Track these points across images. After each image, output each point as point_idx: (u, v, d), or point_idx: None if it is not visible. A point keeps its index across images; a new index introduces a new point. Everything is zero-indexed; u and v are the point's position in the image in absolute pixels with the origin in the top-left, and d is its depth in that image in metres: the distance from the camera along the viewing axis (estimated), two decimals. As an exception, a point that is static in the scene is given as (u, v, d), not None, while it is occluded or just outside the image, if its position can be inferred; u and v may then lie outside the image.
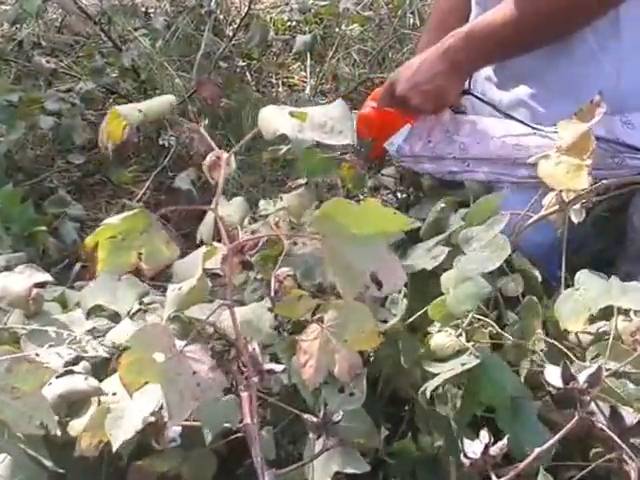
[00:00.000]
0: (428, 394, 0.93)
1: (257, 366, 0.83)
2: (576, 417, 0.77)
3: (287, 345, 0.98)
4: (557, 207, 1.09)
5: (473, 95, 1.40)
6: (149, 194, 2.00)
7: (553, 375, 0.79)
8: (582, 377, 0.78)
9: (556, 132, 1.13)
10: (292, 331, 1.02)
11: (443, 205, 1.19)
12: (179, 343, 0.81)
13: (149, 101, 0.90)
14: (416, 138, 1.38)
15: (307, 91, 2.52)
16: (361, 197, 1.47)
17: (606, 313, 0.96)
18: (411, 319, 1.02)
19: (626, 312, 0.95)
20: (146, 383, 0.81)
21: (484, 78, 1.43)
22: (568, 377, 0.78)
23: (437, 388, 0.95)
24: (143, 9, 2.55)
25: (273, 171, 2.09)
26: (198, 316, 0.98)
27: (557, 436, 0.79)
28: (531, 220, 1.11)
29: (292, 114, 0.80)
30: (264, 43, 2.54)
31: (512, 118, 1.34)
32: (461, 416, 0.95)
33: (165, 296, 0.92)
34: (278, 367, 0.86)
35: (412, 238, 1.16)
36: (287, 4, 2.80)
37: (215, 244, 0.88)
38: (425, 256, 1.10)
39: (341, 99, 0.84)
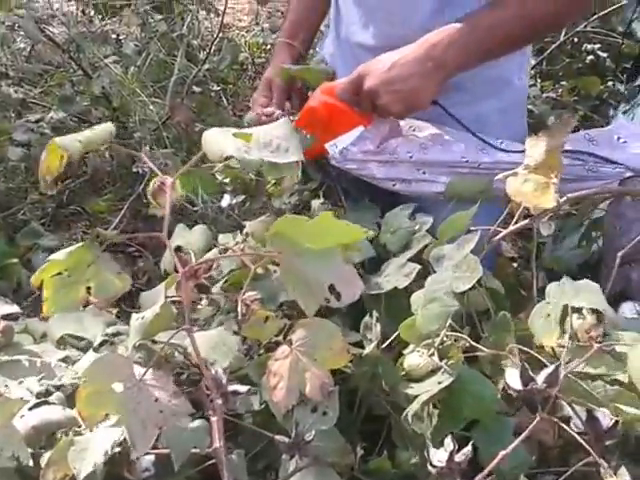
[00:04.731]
0: (410, 419, 0.91)
1: (220, 388, 0.81)
2: (537, 418, 0.77)
3: (258, 365, 0.96)
4: (526, 221, 1.06)
5: (440, 106, 1.25)
6: (125, 222, 1.99)
7: (513, 378, 0.79)
8: (540, 378, 0.78)
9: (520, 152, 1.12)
10: (262, 355, 0.99)
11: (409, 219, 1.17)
12: (140, 371, 0.80)
13: (88, 131, 0.88)
14: (368, 142, 1.25)
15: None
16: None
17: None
18: (388, 341, 1.00)
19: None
20: (107, 415, 0.79)
21: None
22: (527, 379, 0.78)
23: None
24: (114, 36, 2.55)
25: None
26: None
27: (521, 437, 0.78)
28: (500, 235, 1.08)
29: (236, 135, 0.79)
30: (235, 63, 2.54)
31: (476, 136, 1.28)
32: (439, 433, 0.91)
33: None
34: (242, 388, 0.84)
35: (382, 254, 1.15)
36: (257, 24, 2.80)
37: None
38: (397, 273, 1.08)
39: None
